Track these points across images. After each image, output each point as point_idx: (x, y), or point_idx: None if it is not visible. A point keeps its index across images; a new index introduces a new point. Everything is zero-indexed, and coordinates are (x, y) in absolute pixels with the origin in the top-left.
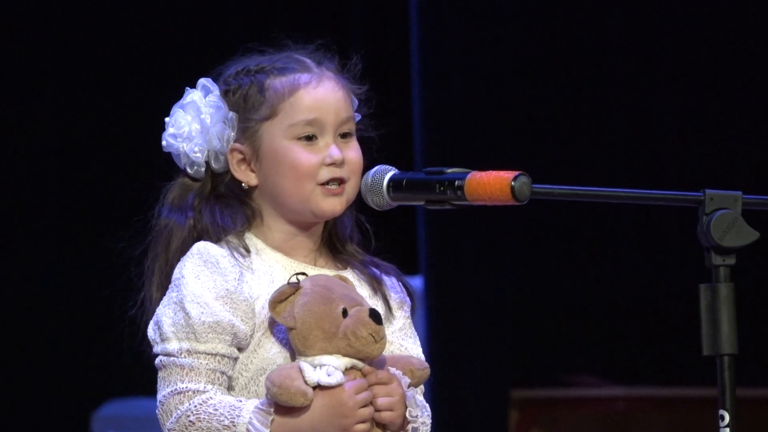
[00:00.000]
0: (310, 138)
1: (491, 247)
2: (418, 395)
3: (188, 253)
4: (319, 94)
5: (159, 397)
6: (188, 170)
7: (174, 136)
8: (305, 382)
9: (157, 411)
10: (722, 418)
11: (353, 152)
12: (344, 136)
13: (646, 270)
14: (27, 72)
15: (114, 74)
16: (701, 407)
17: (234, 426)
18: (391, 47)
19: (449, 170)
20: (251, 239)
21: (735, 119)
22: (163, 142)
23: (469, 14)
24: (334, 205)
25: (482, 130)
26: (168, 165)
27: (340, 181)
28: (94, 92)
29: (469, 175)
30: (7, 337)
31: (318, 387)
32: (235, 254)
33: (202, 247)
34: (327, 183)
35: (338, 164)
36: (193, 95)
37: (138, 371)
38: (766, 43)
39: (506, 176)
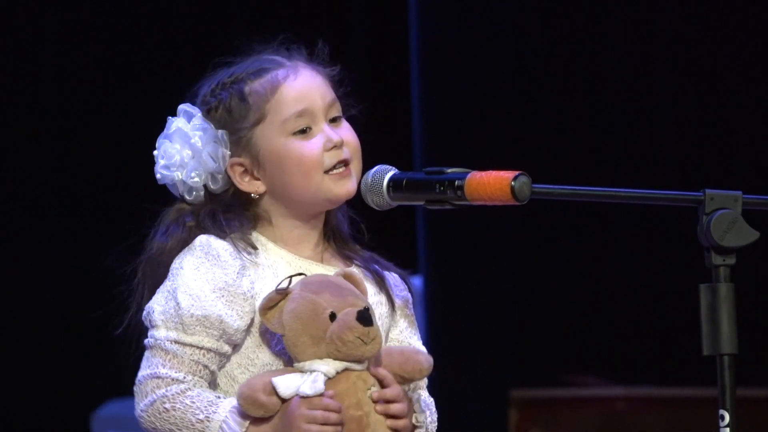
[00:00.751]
0: (304, 131)
1: (491, 247)
2: (423, 391)
3: (190, 246)
4: (301, 85)
5: (138, 375)
6: (186, 197)
7: (167, 167)
8: (276, 394)
9: (134, 388)
10: (722, 418)
11: (348, 133)
12: (334, 120)
13: (646, 270)
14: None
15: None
16: (701, 407)
17: (208, 421)
18: (391, 47)
19: (449, 170)
20: (258, 237)
21: (735, 119)
22: (157, 175)
23: (469, 14)
24: (346, 186)
25: (482, 130)
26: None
27: (345, 163)
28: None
29: (469, 175)
30: (7, 338)
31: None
32: (239, 249)
33: (204, 240)
34: (333, 168)
35: (339, 146)
36: (176, 123)
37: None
38: (766, 43)
39: (506, 176)
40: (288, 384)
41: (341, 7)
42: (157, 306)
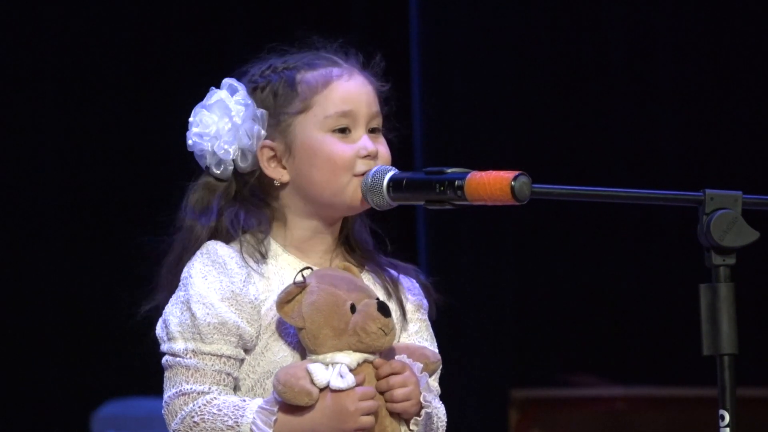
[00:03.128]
0: (343, 130)
1: (491, 247)
2: (432, 380)
3: (197, 252)
4: (352, 87)
5: (165, 397)
6: (214, 170)
7: (200, 135)
8: (313, 383)
9: (162, 411)
10: (722, 418)
11: (384, 147)
12: (373, 131)
13: (646, 270)
14: (34, 73)
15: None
16: (701, 407)
17: (238, 426)
18: (391, 47)
19: (449, 170)
20: (269, 242)
21: (735, 119)
22: (189, 141)
23: (470, 14)
24: None
25: (482, 130)
26: (192, 164)
27: None
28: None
29: (469, 175)
30: (7, 337)
31: (328, 388)
32: (245, 255)
33: (211, 246)
34: (363, 175)
35: (373, 156)
36: (219, 94)
37: (138, 371)
38: (766, 43)
39: (506, 176)
40: (321, 374)
41: (341, 7)
42: (172, 318)
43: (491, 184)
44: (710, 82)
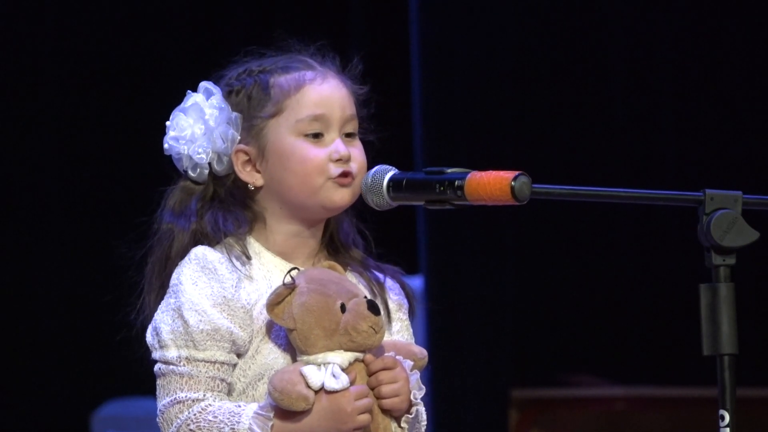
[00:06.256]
0: (316, 135)
1: (491, 247)
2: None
3: (186, 259)
4: (325, 91)
5: (159, 406)
6: (190, 173)
7: (176, 138)
8: (308, 386)
9: (157, 420)
10: (722, 418)
11: (358, 151)
12: (348, 135)
13: (646, 270)
14: (28, 74)
15: (114, 76)
16: (701, 407)
17: None
18: (391, 47)
19: (449, 170)
20: (252, 244)
21: (735, 119)
22: (165, 145)
23: (470, 14)
24: (343, 196)
25: (482, 130)
26: (170, 168)
27: (349, 175)
28: (95, 95)
29: (469, 175)
30: (7, 337)
31: (322, 389)
32: (233, 259)
33: (200, 252)
34: (337, 177)
35: (345, 160)
36: (195, 98)
37: (138, 371)
38: (766, 44)
39: (506, 176)
40: (315, 376)
41: (341, 7)
42: (164, 326)
43: (491, 184)
44: (710, 82)
